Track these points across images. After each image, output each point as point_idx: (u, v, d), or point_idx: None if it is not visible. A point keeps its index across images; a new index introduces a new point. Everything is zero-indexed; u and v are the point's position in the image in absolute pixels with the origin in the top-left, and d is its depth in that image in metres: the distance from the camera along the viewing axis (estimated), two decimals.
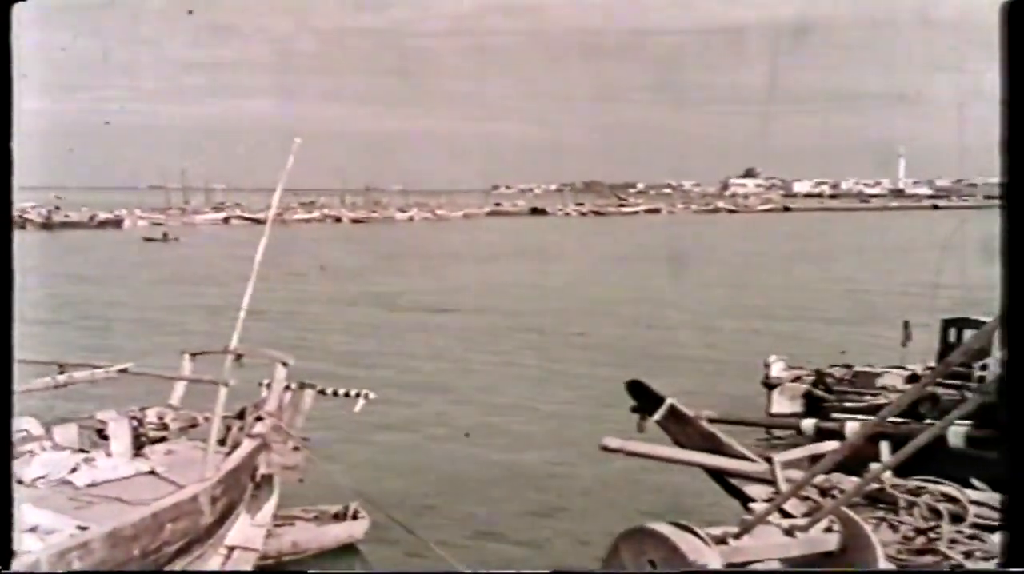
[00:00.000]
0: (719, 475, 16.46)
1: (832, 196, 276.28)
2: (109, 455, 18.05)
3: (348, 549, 22.35)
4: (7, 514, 8.10)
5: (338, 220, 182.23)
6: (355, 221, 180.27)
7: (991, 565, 12.96)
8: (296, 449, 19.13)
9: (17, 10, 7.96)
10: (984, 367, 30.43)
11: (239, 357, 19.90)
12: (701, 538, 11.28)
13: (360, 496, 21.54)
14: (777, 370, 35.45)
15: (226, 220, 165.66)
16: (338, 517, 22.54)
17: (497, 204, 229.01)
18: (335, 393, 20.89)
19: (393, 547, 21.02)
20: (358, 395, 20.77)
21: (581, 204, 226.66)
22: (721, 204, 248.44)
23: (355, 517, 22.54)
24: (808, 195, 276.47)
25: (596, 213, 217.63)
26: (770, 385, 35.23)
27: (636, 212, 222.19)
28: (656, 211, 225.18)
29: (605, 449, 16.40)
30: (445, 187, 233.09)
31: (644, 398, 17.83)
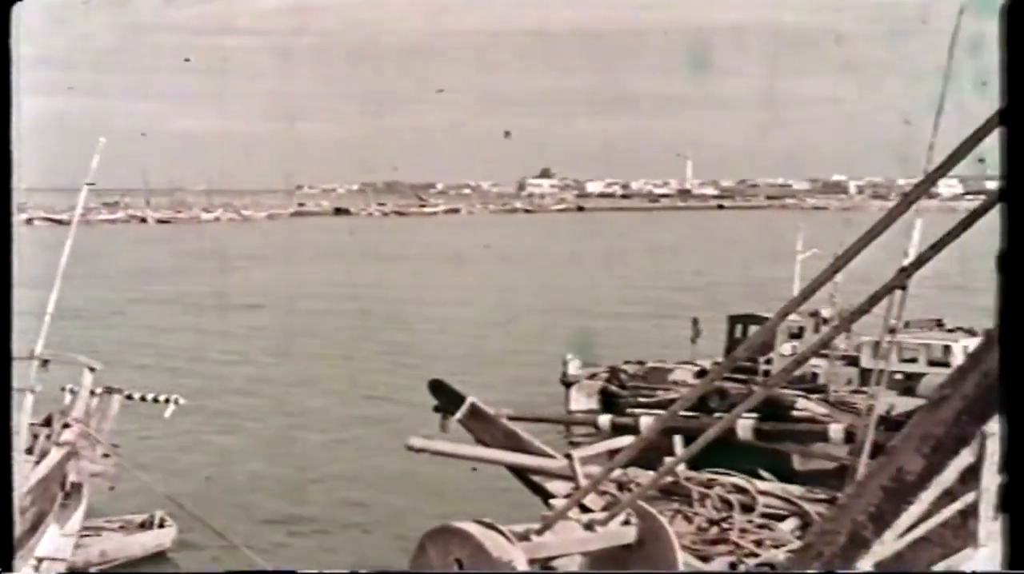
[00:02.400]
0: (521, 472, 16.61)
1: (623, 196, 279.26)
2: None
3: (157, 556, 21.96)
4: (7, 514, 7.86)
5: (143, 220, 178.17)
6: (160, 221, 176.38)
7: (781, 553, 13.34)
8: (106, 455, 18.67)
9: (16, 10, 7.75)
10: (768, 361, 31.32)
11: (45, 362, 19.27)
12: (505, 535, 11.32)
13: (172, 501, 21.10)
14: (574, 368, 35.87)
15: (29, 221, 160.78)
16: (144, 526, 22.06)
17: (301, 204, 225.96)
18: (143, 398, 20.46)
19: None
20: (167, 401, 20.38)
21: (383, 204, 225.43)
22: (518, 204, 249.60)
23: (162, 525, 22.09)
24: (601, 195, 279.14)
25: (398, 213, 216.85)
26: (568, 382, 35.63)
27: (436, 212, 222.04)
28: (456, 211, 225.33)
29: (410, 449, 16.43)
30: (249, 187, 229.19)
31: (446, 397, 17.87)
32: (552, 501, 14.65)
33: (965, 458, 6.44)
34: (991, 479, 6.46)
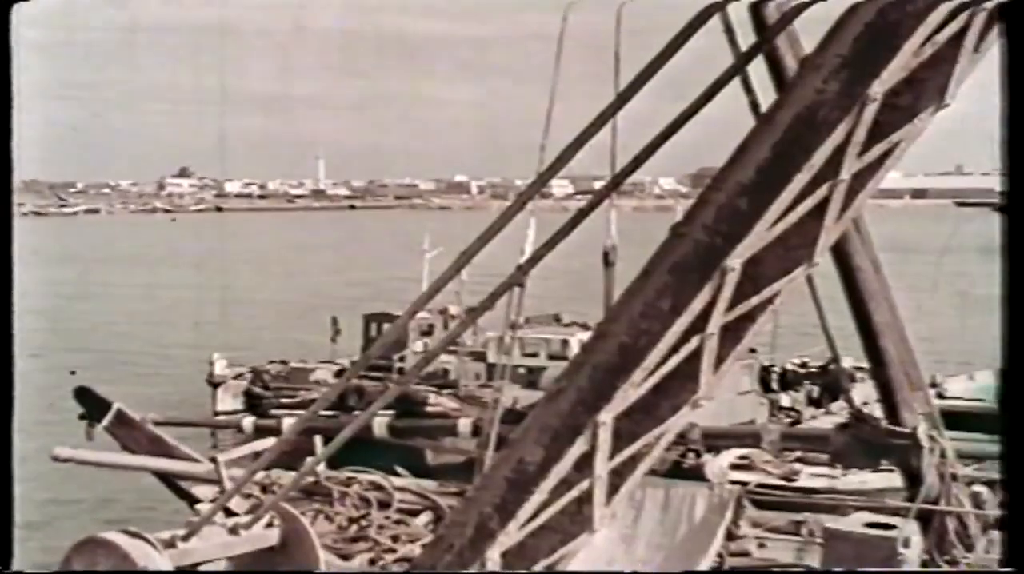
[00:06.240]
0: (167, 478, 16.33)
1: (261, 196, 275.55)
2: None
3: None
4: (7, 514, 7.18)
5: None
6: None
7: (416, 546, 13.59)
8: None
9: (16, 10, 7.14)
10: (402, 359, 31.75)
11: None
12: (151, 543, 11.13)
13: None
14: (220, 368, 35.36)
15: None
16: None
17: None
18: None
19: None
20: None
21: (22, 204, 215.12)
22: (158, 204, 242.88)
23: None
24: (239, 195, 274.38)
25: (36, 213, 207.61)
26: (214, 383, 35.08)
27: (76, 212, 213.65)
28: (96, 211, 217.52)
29: (56, 459, 15.92)
30: None
31: (92, 404, 17.40)
32: (198, 506, 14.48)
33: (580, 447, 6.75)
34: (603, 466, 6.80)
